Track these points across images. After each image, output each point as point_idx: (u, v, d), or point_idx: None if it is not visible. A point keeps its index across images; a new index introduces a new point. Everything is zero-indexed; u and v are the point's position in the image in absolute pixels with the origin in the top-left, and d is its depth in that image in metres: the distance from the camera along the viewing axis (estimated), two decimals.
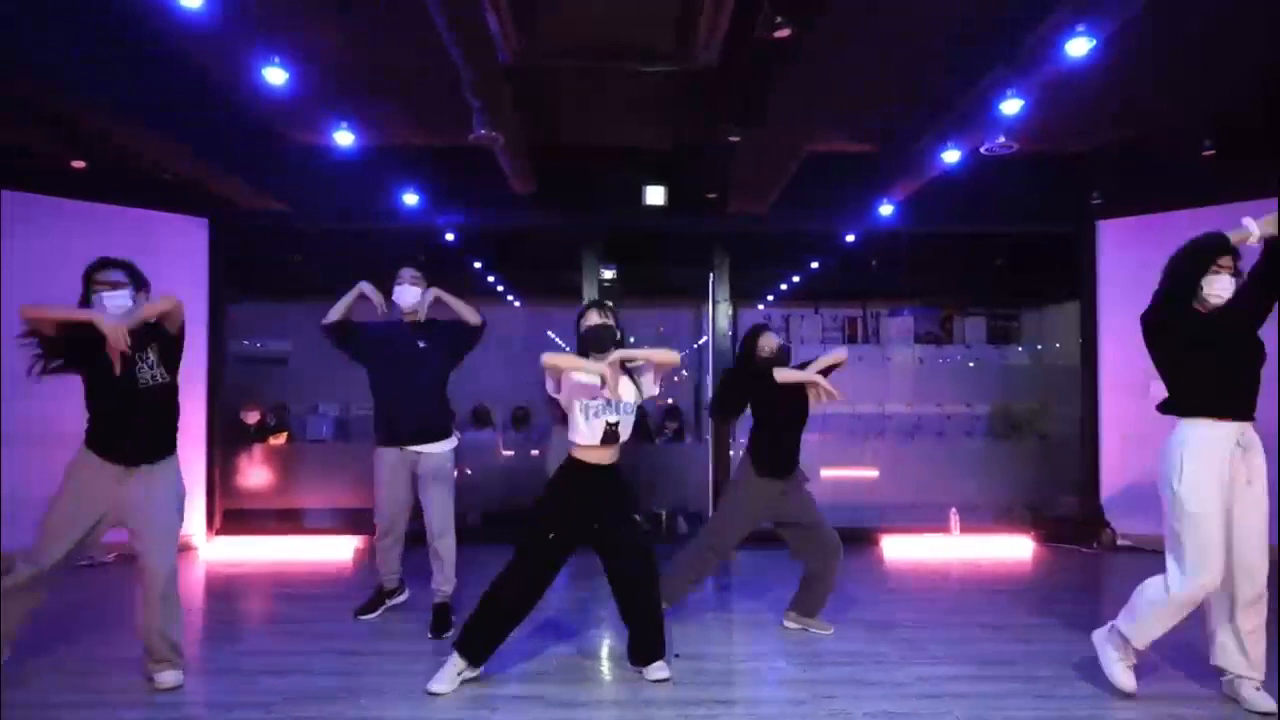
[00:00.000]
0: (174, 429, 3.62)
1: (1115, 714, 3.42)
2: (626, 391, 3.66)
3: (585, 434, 3.65)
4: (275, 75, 4.15)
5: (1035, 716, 3.35)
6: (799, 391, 4.36)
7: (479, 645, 3.62)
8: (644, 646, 3.75)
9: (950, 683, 3.72)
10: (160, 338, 3.55)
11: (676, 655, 4.04)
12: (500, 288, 10.16)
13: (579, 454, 3.69)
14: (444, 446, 4.54)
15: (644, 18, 3.81)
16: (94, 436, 3.48)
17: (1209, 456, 3.42)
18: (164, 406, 3.56)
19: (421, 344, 4.51)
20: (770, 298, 9.99)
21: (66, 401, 6.21)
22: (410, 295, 4.51)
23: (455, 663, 3.58)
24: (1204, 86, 5.73)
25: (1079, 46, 3.97)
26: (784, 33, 3.82)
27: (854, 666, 3.94)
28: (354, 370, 4.85)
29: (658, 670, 3.69)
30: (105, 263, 3.59)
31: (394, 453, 4.49)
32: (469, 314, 4.63)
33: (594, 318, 3.74)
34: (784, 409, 4.40)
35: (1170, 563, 3.49)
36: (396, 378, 4.49)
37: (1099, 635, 3.72)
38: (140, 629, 3.56)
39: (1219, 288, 3.59)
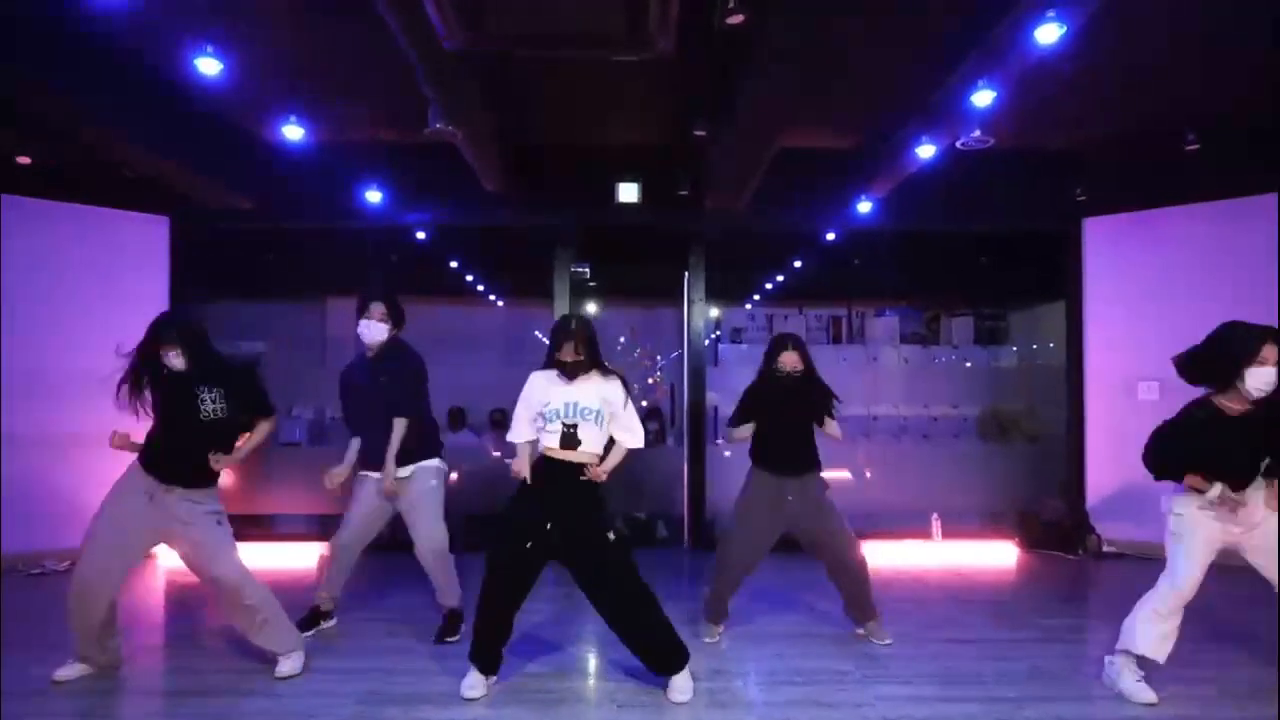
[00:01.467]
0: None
1: None
2: (585, 395, 3.61)
3: (547, 440, 3.64)
4: (208, 65, 3.96)
5: None
6: (802, 392, 4.31)
7: (485, 655, 3.65)
8: (660, 659, 3.66)
9: (910, 704, 3.54)
10: (233, 384, 3.82)
11: (620, 677, 3.87)
12: (480, 287, 9.99)
13: (546, 452, 3.66)
14: (418, 465, 4.47)
15: (589, 3, 3.62)
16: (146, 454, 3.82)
17: (1202, 525, 3.62)
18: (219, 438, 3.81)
19: (382, 379, 4.43)
20: (756, 298, 9.80)
21: (66, 403, 6.16)
22: (375, 332, 4.41)
23: (473, 677, 3.63)
24: (1189, 82, 5.54)
25: (1049, 33, 3.78)
26: (737, 19, 3.64)
27: (812, 686, 3.76)
28: (332, 372, 4.75)
29: (678, 692, 3.58)
30: (166, 325, 3.85)
31: (373, 478, 4.47)
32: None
33: (567, 354, 3.64)
34: (784, 406, 4.33)
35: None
36: (360, 413, 4.55)
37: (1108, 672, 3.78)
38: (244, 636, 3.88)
39: (1262, 381, 3.39)
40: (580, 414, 3.59)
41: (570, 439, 3.57)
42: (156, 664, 4.12)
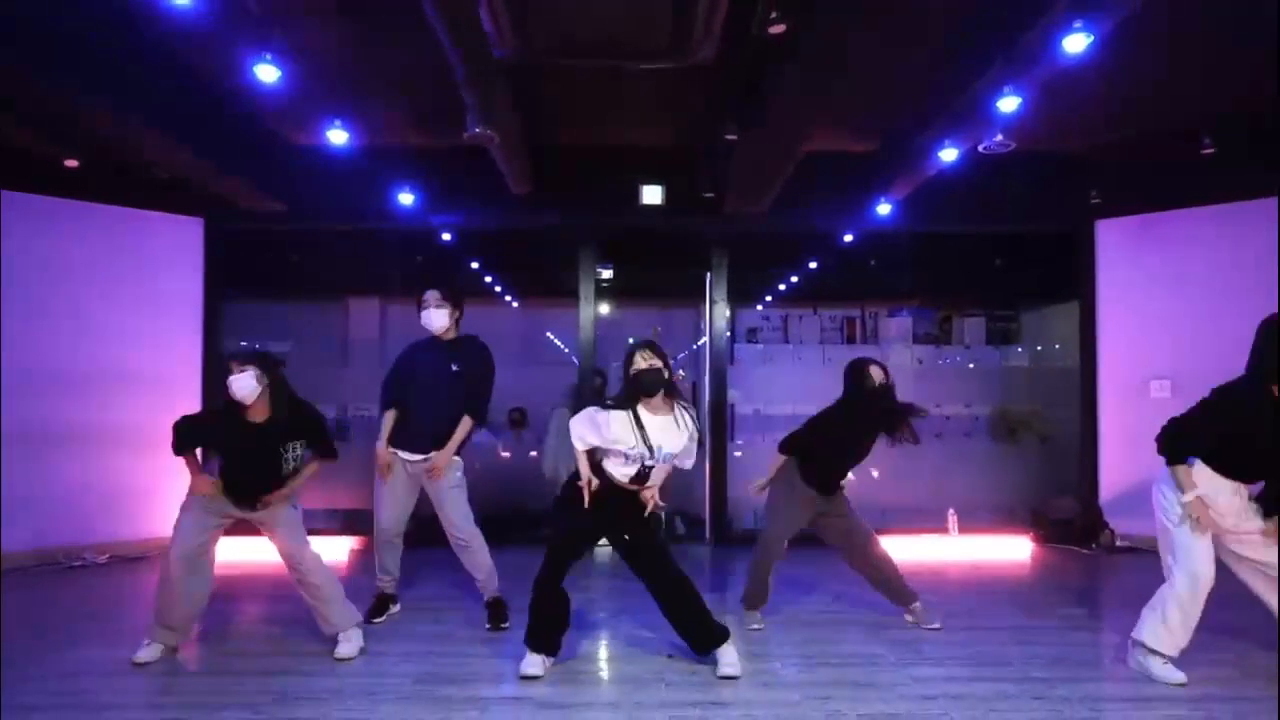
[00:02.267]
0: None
1: (1112, 714, 3.38)
2: (668, 440, 3.70)
3: (618, 471, 3.74)
4: (267, 72, 4.12)
5: (1030, 718, 3.31)
6: (870, 436, 4.55)
7: (542, 637, 3.75)
8: (699, 637, 3.85)
9: (946, 684, 3.69)
10: (309, 434, 4.05)
11: (669, 655, 4.03)
12: (498, 288, 10.14)
13: (610, 472, 3.76)
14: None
15: (639, 15, 3.78)
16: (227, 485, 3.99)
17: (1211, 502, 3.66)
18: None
19: (454, 367, 4.54)
20: (769, 298, 9.95)
21: (66, 402, 6.31)
22: (437, 319, 4.55)
23: (531, 659, 3.73)
24: (1203, 85, 5.71)
25: (1077, 43, 3.94)
26: (779, 28, 3.79)
27: (849, 668, 3.91)
28: (353, 371, 4.87)
29: (727, 666, 3.74)
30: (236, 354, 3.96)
31: (400, 459, 4.57)
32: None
33: (641, 361, 3.66)
34: (853, 442, 4.58)
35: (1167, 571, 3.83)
36: (414, 391, 4.58)
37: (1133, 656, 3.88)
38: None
39: None
40: (663, 457, 3.70)
41: (643, 477, 3.73)
42: (216, 650, 4.26)
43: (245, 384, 3.80)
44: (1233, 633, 4.31)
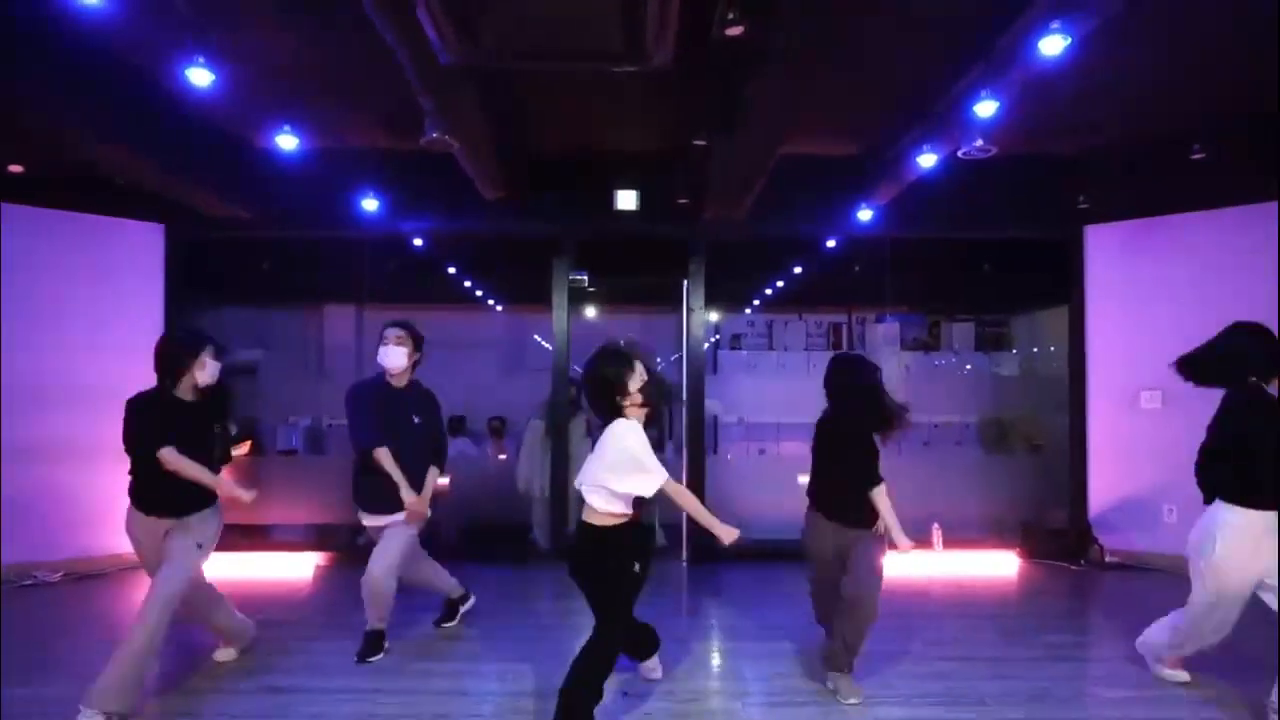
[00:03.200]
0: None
1: None
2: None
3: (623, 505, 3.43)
4: (200, 76, 3.91)
5: None
6: (865, 443, 3.94)
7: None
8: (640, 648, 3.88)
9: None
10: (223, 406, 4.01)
11: (625, 694, 3.82)
12: (478, 294, 9.95)
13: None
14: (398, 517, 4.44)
15: (585, 18, 3.57)
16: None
17: (1243, 543, 3.51)
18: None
19: (416, 419, 4.48)
20: (756, 303, 9.76)
21: (20, 413, 6.11)
22: (395, 358, 4.43)
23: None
24: (1193, 91, 5.49)
25: (1053, 45, 3.73)
26: (736, 30, 3.58)
27: (813, 706, 3.70)
28: (327, 381, 4.72)
29: (651, 671, 3.93)
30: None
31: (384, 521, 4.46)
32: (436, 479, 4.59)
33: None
34: (840, 448, 3.98)
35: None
36: (391, 439, 4.40)
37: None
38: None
39: None
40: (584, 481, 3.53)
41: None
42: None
43: (214, 371, 3.87)
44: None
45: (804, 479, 4.11)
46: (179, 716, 3.59)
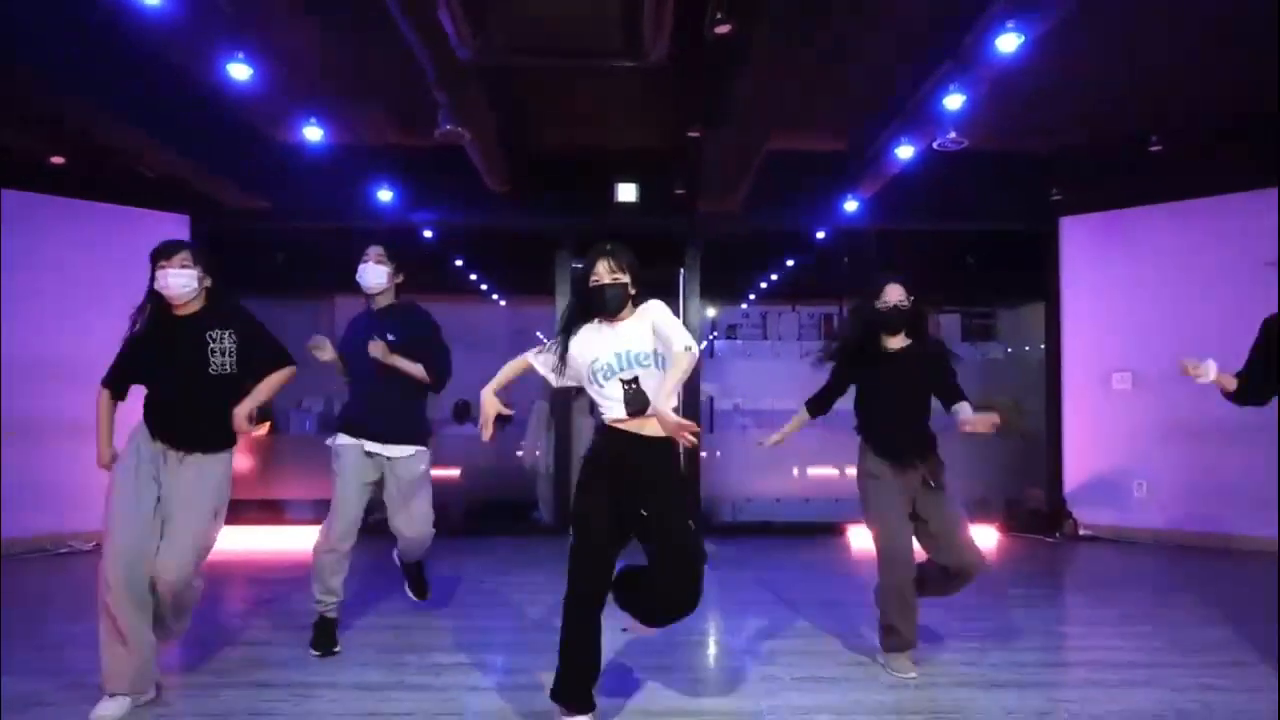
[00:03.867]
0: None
1: (1036, 675, 3.53)
2: (634, 339, 2.93)
3: (609, 406, 2.94)
4: (239, 71, 4.31)
5: (957, 679, 3.48)
6: (911, 366, 3.68)
7: (579, 690, 2.94)
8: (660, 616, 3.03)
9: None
10: (242, 329, 3.37)
11: (624, 629, 4.18)
12: (484, 286, 10.33)
13: (611, 423, 2.97)
14: (411, 449, 3.95)
15: (590, 16, 3.97)
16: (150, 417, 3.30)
17: None
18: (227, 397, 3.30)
19: (391, 337, 3.93)
20: (752, 296, 10.14)
21: (55, 394, 6.46)
22: (373, 274, 4.00)
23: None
24: (1157, 87, 5.87)
25: (1009, 43, 4.12)
26: (724, 29, 3.97)
27: (792, 638, 4.07)
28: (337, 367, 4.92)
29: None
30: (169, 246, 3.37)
31: (356, 449, 3.90)
32: (419, 373, 4.00)
33: (605, 273, 2.98)
34: (887, 382, 3.69)
35: None
36: (363, 371, 3.94)
37: None
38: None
39: None
40: (636, 361, 2.90)
41: (637, 398, 2.87)
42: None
43: (182, 280, 3.25)
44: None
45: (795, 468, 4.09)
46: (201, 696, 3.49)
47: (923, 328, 3.77)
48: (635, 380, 2.88)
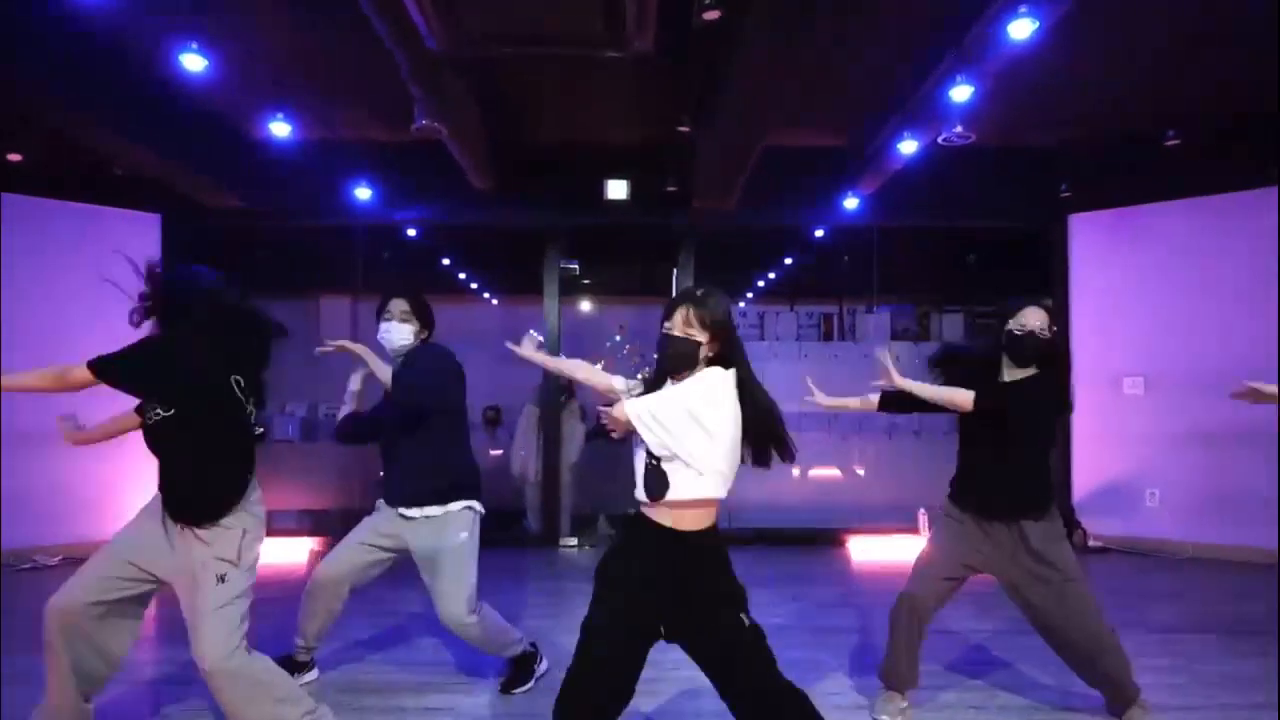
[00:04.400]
0: (220, 484, 2.83)
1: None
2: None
3: (636, 479, 2.43)
4: (193, 62, 4.02)
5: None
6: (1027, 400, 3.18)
7: None
8: None
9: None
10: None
11: None
12: (474, 285, 10.06)
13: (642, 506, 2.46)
14: (441, 510, 3.48)
15: (566, 2, 3.68)
16: None
17: None
18: (179, 449, 2.80)
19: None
20: (750, 295, 9.87)
21: (19, 401, 6.19)
22: (399, 335, 3.56)
23: None
24: (1170, 81, 5.59)
25: (1022, 29, 3.83)
26: (713, 15, 3.68)
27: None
28: (322, 370, 4.64)
29: None
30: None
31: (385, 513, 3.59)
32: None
33: (676, 323, 2.43)
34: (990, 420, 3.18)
35: None
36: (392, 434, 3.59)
37: None
38: None
39: None
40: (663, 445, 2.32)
41: (657, 482, 2.34)
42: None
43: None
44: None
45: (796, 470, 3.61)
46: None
47: (1058, 364, 3.24)
48: (660, 461, 2.33)
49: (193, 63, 4.08)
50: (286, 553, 6.62)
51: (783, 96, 5.06)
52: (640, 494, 2.37)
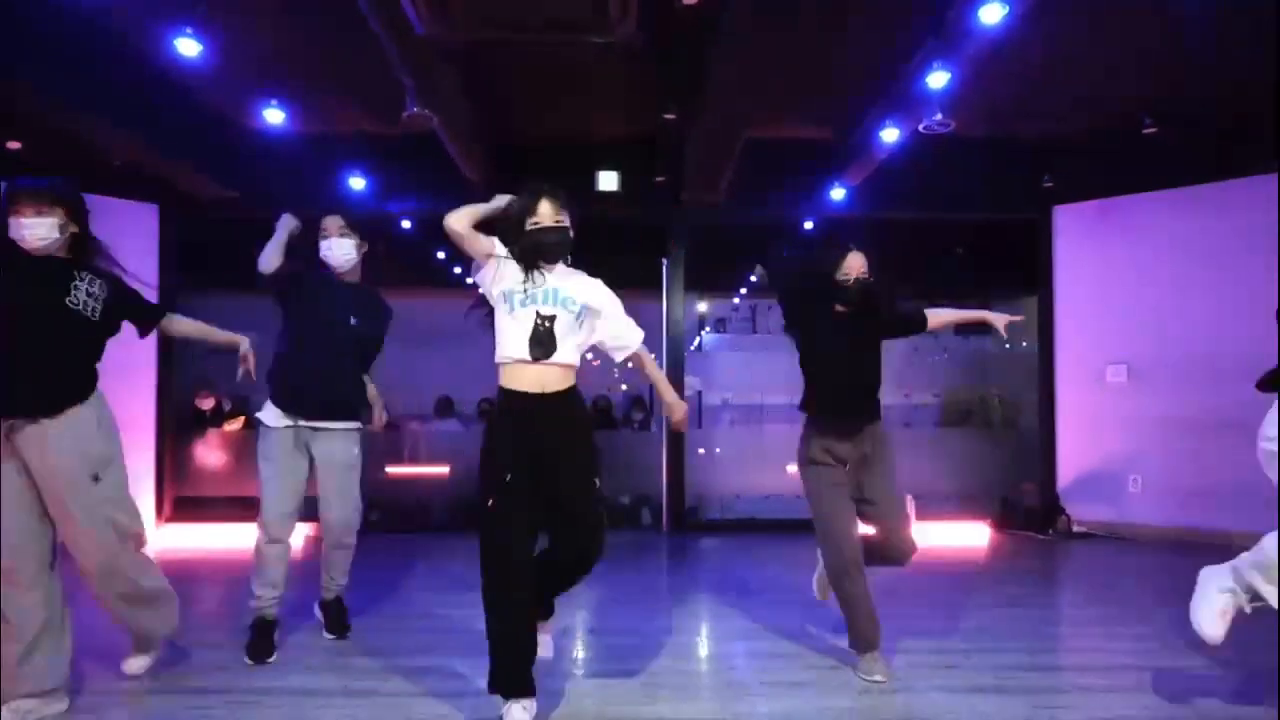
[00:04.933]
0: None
1: (1016, 682, 3.35)
2: (567, 285, 2.81)
3: (511, 338, 2.73)
4: (188, 47, 4.12)
5: (932, 684, 3.29)
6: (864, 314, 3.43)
7: (516, 675, 2.75)
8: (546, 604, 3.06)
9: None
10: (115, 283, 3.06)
11: (592, 631, 4.02)
12: (468, 279, 10.13)
13: (508, 379, 2.76)
14: (350, 424, 3.74)
15: None
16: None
17: None
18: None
19: (353, 320, 3.71)
20: (743, 291, 9.95)
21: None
22: (341, 250, 3.69)
23: (515, 711, 2.71)
24: (1153, 72, 5.69)
25: (992, 14, 3.93)
26: (691, 0, 3.79)
27: (768, 640, 3.89)
28: None
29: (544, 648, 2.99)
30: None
31: (288, 433, 3.61)
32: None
33: (547, 215, 2.84)
34: (841, 333, 3.41)
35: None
36: (316, 344, 3.67)
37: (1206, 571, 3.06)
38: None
39: None
40: (563, 303, 2.74)
41: (546, 338, 2.69)
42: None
43: (40, 228, 2.86)
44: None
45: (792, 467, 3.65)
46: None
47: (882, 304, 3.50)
48: (552, 319, 2.69)
49: (187, 47, 4.17)
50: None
51: (766, 84, 5.17)
52: (519, 351, 2.71)
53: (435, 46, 4.67)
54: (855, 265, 3.42)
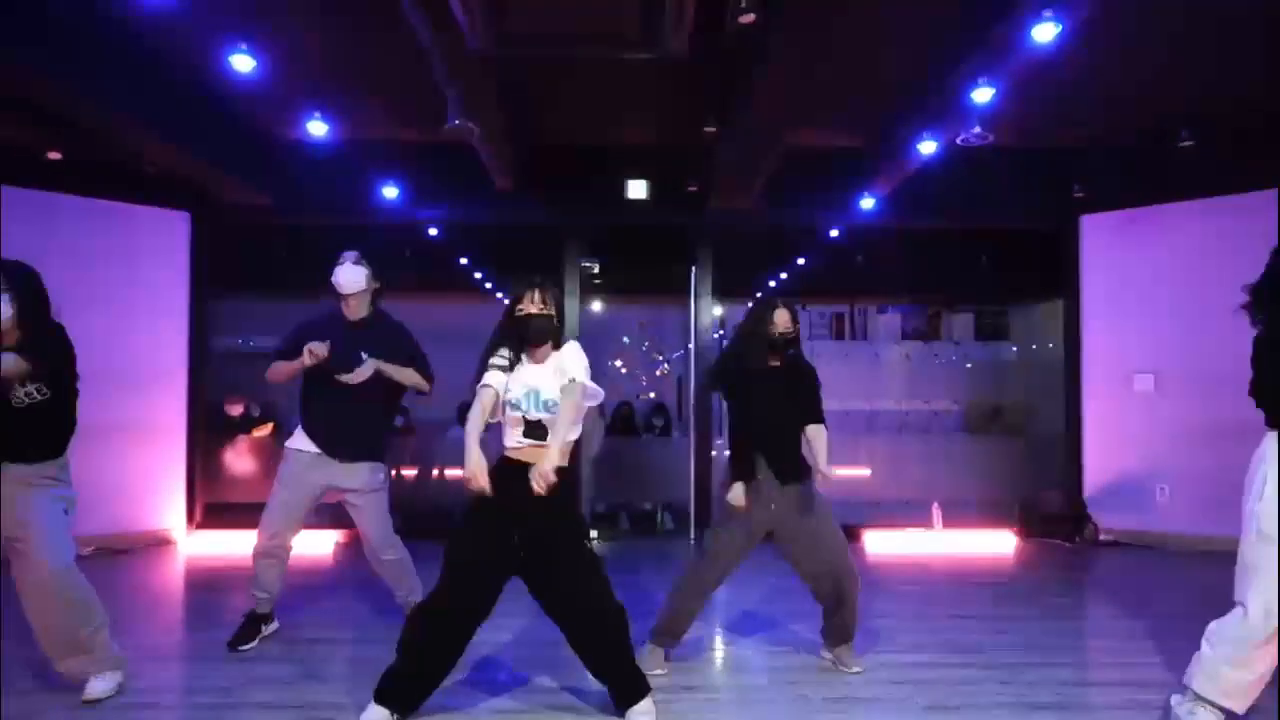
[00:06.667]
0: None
1: (1077, 697, 3.38)
2: (545, 383, 3.06)
3: (508, 432, 3.12)
4: (242, 62, 4.14)
5: (995, 701, 3.32)
6: (789, 382, 3.64)
7: (406, 693, 3.01)
8: (622, 693, 3.08)
9: (914, 669, 3.70)
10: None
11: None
12: (489, 285, 10.15)
13: (508, 451, 3.13)
14: (368, 465, 3.95)
15: (608, 3, 3.81)
16: None
17: None
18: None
19: (364, 358, 3.86)
20: (759, 295, 9.97)
21: (94, 397, 6.21)
22: (350, 274, 3.90)
23: (374, 713, 2.95)
24: (1183, 81, 5.71)
25: (1046, 32, 3.95)
26: (748, 18, 3.81)
27: (816, 654, 3.92)
28: None
29: (641, 715, 3.04)
30: None
31: (311, 458, 3.87)
32: (413, 380, 4.02)
33: (531, 304, 3.11)
34: (764, 398, 3.60)
35: (1239, 595, 2.87)
36: (330, 390, 3.85)
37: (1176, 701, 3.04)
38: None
39: None
40: (544, 407, 3.04)
41: (536, 432, 3.04)
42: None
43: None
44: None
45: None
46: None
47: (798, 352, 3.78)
48: (539, 423, 3.05)
49: (241, 63, 4.19)
50: (309, 545, 6.71)
51: (805, 97, 5.18)
52: (515, 439, 3.07)
53: (481, 58, 4.68)
54: (782, 320, 3.62)
